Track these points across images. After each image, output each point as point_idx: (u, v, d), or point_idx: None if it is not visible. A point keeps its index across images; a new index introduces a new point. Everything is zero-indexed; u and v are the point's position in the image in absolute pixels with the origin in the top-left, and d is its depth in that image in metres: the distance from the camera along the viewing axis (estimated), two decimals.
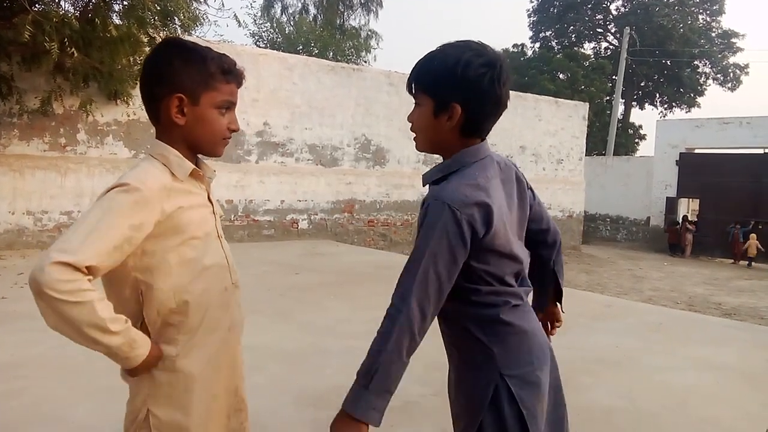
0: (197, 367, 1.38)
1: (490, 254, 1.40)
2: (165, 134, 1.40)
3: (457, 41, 1.44)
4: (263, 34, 25.93)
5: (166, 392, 1.35)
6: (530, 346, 1.48)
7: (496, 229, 1.38)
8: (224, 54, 1.43)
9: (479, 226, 1.35)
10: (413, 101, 1.50)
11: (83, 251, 1.18)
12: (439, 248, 1.32)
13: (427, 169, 1.53)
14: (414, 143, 1.53)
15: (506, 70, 1.41)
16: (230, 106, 1.43)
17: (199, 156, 1.47)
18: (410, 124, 1.50)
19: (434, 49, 1.45)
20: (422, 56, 1.47)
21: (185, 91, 1.35)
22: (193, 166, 1.41)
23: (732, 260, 17.59)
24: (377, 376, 1.29)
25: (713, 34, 34.45)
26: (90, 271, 1.19)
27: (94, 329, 1.19)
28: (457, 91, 1.38)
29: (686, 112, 35.75)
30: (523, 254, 1.52)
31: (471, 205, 1.33)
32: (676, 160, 19.55)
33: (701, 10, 34.60)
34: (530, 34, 37.24)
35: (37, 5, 7.56)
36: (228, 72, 1.40)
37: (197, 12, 8.79)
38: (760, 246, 16.95)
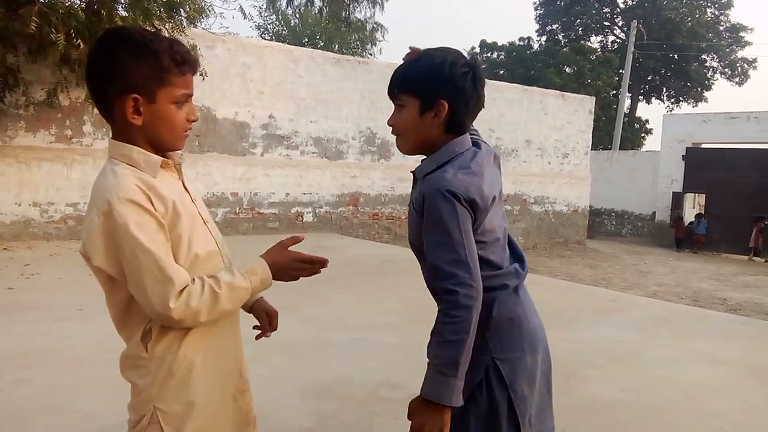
0: (200, 356, 1.37)
1: (483, 237, 1.48)
2: (123, 133, 1.33)
3: (438, 47, 1.55)
4: (268, 26, 25.85)
5: (172, 385, 1.34)
6: (521, 332, 1.54)
7: (489, 214, 1.48)
8: (175, 40, 1.34)
9: (479, 211, 1.44)
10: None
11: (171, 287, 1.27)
12: (453, 232, 1.39)
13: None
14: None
15: (482, 73, 1.53)
16: (188, 98, 1.36)
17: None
18: (394, 126, 1.57)
19: (414, 57, 1.55)
20: (402, 63, 1.56)
21: (139, 90, 1.27)
22: (161, 158, 1.35)
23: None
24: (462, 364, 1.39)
25: (721, 28, 34.21)
26: (184, 284, 1.29)
27: (236, 300, 1.38)
28: (444, 89, 1.47)
29: (693, 107, 35.55)
30: (504, 235, 1.60)
31: (470, 190, 1.42)
32: (683, 155, 19.42)
33: (709, 4, 34.33)
34: (537, 27, 37.06)
35: None
36: (182, 63, 1.31)
37: (203, 3, 8.78)
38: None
